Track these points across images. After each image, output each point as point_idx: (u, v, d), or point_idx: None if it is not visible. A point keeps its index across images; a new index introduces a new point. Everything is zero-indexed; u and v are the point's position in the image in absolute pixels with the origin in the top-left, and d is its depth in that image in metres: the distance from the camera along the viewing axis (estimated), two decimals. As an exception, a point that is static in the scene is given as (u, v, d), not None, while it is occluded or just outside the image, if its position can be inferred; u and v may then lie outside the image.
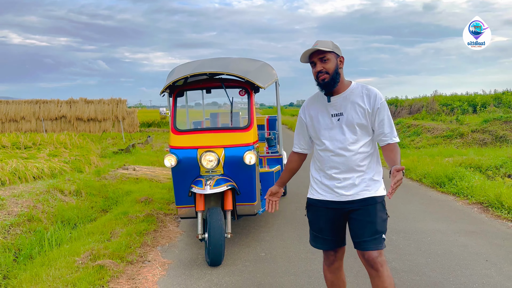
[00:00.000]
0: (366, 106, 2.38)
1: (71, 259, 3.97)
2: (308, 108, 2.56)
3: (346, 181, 2.39)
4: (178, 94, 4.70)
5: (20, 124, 18.27)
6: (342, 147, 2.39)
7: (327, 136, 2.44)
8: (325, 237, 2.50)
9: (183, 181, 4.23)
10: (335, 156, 2.41)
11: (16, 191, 6.31)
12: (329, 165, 2.44)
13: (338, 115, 2.41)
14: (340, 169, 2.40)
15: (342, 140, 2.39)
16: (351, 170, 2.39)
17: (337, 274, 2.59)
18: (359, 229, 2.38)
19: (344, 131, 2.39)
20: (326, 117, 2.44)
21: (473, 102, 19.05)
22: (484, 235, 4.68)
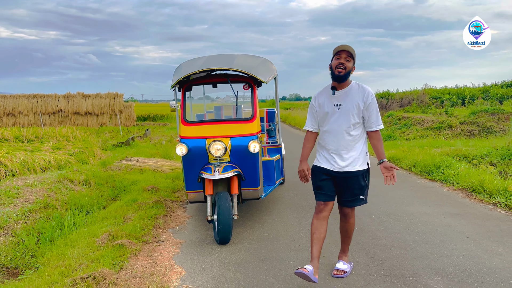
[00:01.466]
0: (360, 101, 3.20)
1: (91, 239, 4.35)
2: (318, 98, 3.38)
3: (339, 156, 3.26)
4: (187, 89, 5.07)
5: (18, 119, 18.45)
6: (339, 129, 3.23)
7: (329, 121, 3.28)
8: (322, 192, 3.37)
9: (193, 168, 4.61)
10: (334, 136, 3.26)
11: (28, 181, 6.66)
12: (329, 142, 3.30)
13: (339, 105, 3.24)
14: (336, 146, 3.26)
15: (340, 124, 3.23)
16: (344, 148, 3.24)
17: (321, 222, 3.35)
18: (342, 192, 3.36)
19: (342, 118, 3.22)
20: (330, 106, 3.26)
21: (462, 95, 19.61)
22: (467, 217, 5.13)
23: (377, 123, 3.26)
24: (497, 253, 3.90)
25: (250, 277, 3.53)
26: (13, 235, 4.69)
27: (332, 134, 3.28)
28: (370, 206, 5.67)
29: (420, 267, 3.61)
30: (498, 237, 4.37)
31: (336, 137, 3.26)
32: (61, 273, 3.52)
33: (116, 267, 3.66)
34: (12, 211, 5.15)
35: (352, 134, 3.24)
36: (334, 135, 3.27)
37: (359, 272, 3.55)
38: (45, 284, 3.32)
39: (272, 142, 6.44)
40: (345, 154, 3.25)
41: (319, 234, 3.31)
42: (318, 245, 3.30)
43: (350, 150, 3.25)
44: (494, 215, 5.19)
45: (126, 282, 3.40)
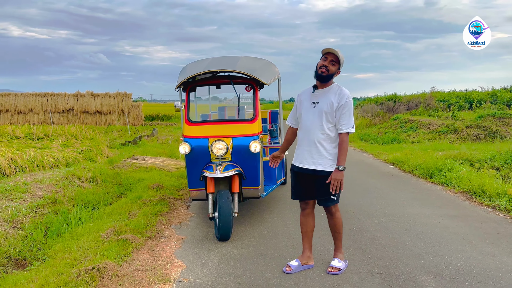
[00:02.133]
0: (335, 101, 3.27)
1: (96, 234, 4.51)
2: (300, 95, 3.53)
3: (309, 154, 3.34)
4: (191, 89, 5.22)
5: (28, 116, 18.77)
6: (312, 127, 3.33)
7: (305, 117, 3.41)
8: (297, 191, 3.54)
9: (196, 167, 4.75)
10: (306, 133, 3.36)
11: (37, 177, 6.84)
12: (302, 139, 3.41)
13: (315, 104, 3.35)
14: (308, 143, 3.35)
15: (313, 122, 3.34)
16: (315, 146, 3.31)
17: (307, 217, 3.61)
18: (315, 191, 3.45)
19: (316, 116, 3.32)
20: (308, 103, 3.39)
21: (470, 98, 19.54)
22: (464, 219, 5.20)
23: (347, 126, 3.27)
24: (491, 255, 3.98)
25: (248, 272, 3.65)
26: (22, 228, 4.87)
27: (305, 131, 3.38)
28: (370, 207, 5.78)
29: (413, 266, 3.71)
30: (494, 239, 4.44)
31: (308, 134, 3.34)
32: (67, 265, 3.67)
33: (120, 260, 3.81)
34: (21, 206, 5.33)
35: (325, 133, 3.29)
36: (307, 132, 3.36)
37: (353, 269, 3.66)
38: (52, 275, 3.48)
39: (274, 143, 6.55)
40: (316, 153, 3.32)
41: (306, 228, 3.61)
42: (307, 238, 3.63)
43: (320, 148, 3.31)
44: (492, 217, 5.25)
45: (129, 274, 3.54)
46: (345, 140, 3.28)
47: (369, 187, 7.20)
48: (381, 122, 19.82)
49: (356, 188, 7.08)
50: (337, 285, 3.36)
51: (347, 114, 3.26)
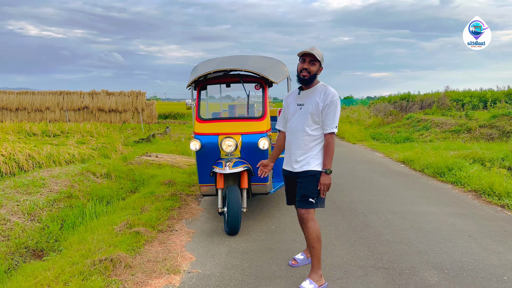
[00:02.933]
0: (320, 101, 3.14)
1: (110, 227, 4.67)
2: (287, 98, 3.46)
3: (295, 156, 3.23)
4: (202, 88, 5.35)
5: (45, 114, 19.18)
6: (298, 128, 3.22)
7: (291, 119, 3.31)
8: (288, 195, 3.49)
9: (206, 163, 4.88)
10: (293, 134, 3.26)
11: (54, 172, 7.06)
12: (289, 141, 3.32)
13: (301, 105, 3.24)
14: (293, 145, 3.24)
15: (298, 123, 3.22)
16: (300, 147, 3.20)
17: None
18: (296, 192, 3.28)
19: (301, 117, 3.21)
20: (294, 105, 3.30)
21: (484, 98, 19.32)
22: (472, 217, 5.23)
23: (330, 126, 3.12)
24: (496, 252, 4.03)
25: (255, 264, 3.76)
26: (39, 221, 5.06)
27: (291, 133, 3.28)
28: (378, 205, 5.83)
29: (418, 262, 3.77)
30: (500, 237, 4.47)
31: (294, 136, 3.25)
32: (82, 255, 3.84)
33: (132, 252, 3.96)
34: (38, 200, 5.53)
35: (310, 134, 3.16)
36: (293, 134, 3.26)
37: (358, 263, 3.75)
38: (67, 264, 3.64)
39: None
40: (300, 154, 3.19)
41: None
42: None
43: (305, 149, 3.18)
44: (500, 216, 5.27)
45: (140, 265, 3.69)
46: (331, 142, 3.14)
47: (379, 185, 7.24)
48: (393, 121, 19.73)
49: (365, 186, 7.14)
50: (341, 278, 3.46)
51: (331, 114, 3.12)
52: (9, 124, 13.24)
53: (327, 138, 3.15)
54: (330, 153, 3.14)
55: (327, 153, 3.14)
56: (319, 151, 3.19)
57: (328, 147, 3.14)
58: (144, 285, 3.34)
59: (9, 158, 7.43)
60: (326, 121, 3.14)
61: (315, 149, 3.18)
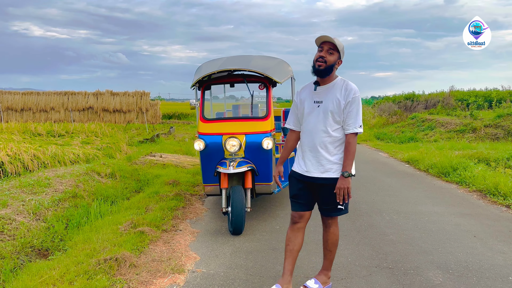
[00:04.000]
0: (341, 98, 2.83)
1: (115, 226, 4.69)
2: (300, 93, 3.08)
3: (315, 159, 2.91)
4: (206, 88, 5.37)
5: (50, 114, 19.27)
6: (316, 129, 2.89)
7: (307, 118, 2.96)
8: (297, 201, 3.06)
9: (210, 163, 4.89)
10: (310, 136, 2.93)
11: (59, 172, 7.10)
12: (305, 143, 2.98)
13: (319, 102, 2.91)
14: (312, 148, 2.91)
15: (317, 123, 2.89)
16: (321, 150, 2.88)
17: (296, 233, 3.08)
18: (321, 199, 2.99)
19: (320, 116, 2.88)
20: (310, 103, 2.95)
21: (489, 97, 19.22)
22: (477, 217, 5.21)
23: (353, 125, 2.83)
24: (501, 252, 4.01)
25: (259, 264, 3.77)
26: (44, 220, 5.09)
27: (308, 134, 2.95)
28: (382, 205, 5.82)
29: (422, 262, 3.76)
30: (505, 237, 4.45)
31: (312, 137, 2.92)
32: (87, 255, 3.86)
33: (137, 251, 3.97)
34: (43, 199, 5.57)
35: (332, 135, 2.87)
36: (310, 135, 2.93)
37: (362, 263, 3.74)
38: (72, 264, 3.66)
39: (287, 140, 6.65)
40: (322, 158, 2.89)
41: (292, 246, 3.07)
42: (290, 258, 3.06)
43: (327, 153, 2.89)
44: (505, 216, 5.25)
45: (145, 264, 3.70)
46: (352, 142, 2.85)
47: (383, 185, 7.23)
48: (398, 121, 19.66)
49: (370, 186, 7.12)
50: (345, 278, 3.45)
51: (354, 112, 2.82)
52: (14, 125, 13.33)
53: (348, 138, 2.85)
54: (350, 155, 2.84)
55: (347, 154, 2.84)
56: (341, 154, 2.91)
57: (348, 147, 2.85)
58: (149, 284, 3.35)
59: (15, 158, 7.47)
60: (348, 120, 2.84)
61: (339, 153, 2.91)
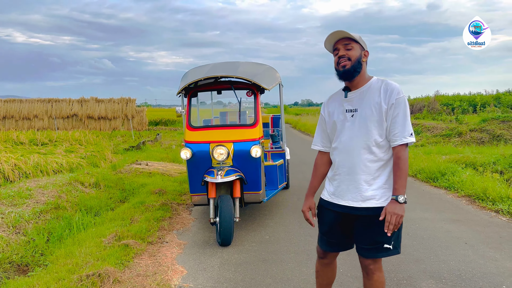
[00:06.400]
0: (382, 101, 2.22)
1: (98, 239, 4.53)
2: (327, 105, 2.48)
3: (351, 184, 2.30)
4: (192, 95, 5.25)
5: (33, 122, 18.87)
6: (353, 145, 2.28)
7: (339, 133, 2.35)
8: (329, 239, 2.45)
9: (197, 172, 4.76)
10: (345, 154, 2.32)
11: (41, 183, 6.88)
12: (340, 165, 2.36)
13: (353, 111, 2.29)
14: (349, 170, 2.30)
15: (354, 138, 2.28)
16: (359, 172, 2.27)
17: (326, 268, 2.60)
18: (359, 235, 2.34)
19: (356, 128, 2.27)
20: (341, 113, 2.35)
21: (474, 102, 19.48)
22: (467, 223, 5.18)
23: (402, 134, 2.19)
24: (493, 259, 3.96)
25: (248, 277, 3.65)
26: (25, 234, 4.89)
27: (343, 153, 2.33)
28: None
29: (415, 271, 3.69)
30: (496, 243, 4.41)
31: (349, 156, 2.30)
32: (69, 270, 3.69)
33: (121, 266, 3.82)
34: (24, 211, 5.36)
35: (374, 152, 2.25)
36: (346, 154, 2.31)
37: (354, 274, 3.65)
38: (53, 280, 3.49)
39: (276, 147, 6.57)
40: (362, 182, 2.27)
41: (322, 280, 2.64)
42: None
43: (369, 175, 2.26)
44: (495, 222, 5.23)
45: (130, 280, 3.55)
46: (403, 156, 2.20)
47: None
48: (384, 126, 19.75)
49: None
50: (337, 290, 3.36)
51: (401, 117, 2.20)
52: (-5, 133, 13.00)
53: (397, 152, 2.22)
54: (403, 173, 2.19)
55: (399, 171, 2.19)
56: (389, 175, 2.28)
57: (399, 163, 2.20)
58: (134, 301, 3.21)
59: (-5, 169, 7.23)
60: (394, 128, 2.21)
61: (384, 174, 2.28)
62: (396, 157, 2.22)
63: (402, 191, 2.17)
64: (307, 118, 30.39)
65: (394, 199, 2.16)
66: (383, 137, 2.25)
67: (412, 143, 2.22)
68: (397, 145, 2.22)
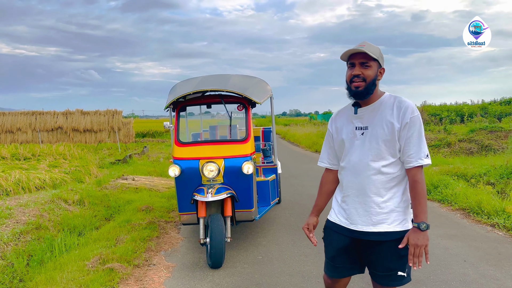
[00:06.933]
0: (395, 120, 2.09)
1: (81, 263, 4.27)
2: (335, 120, 2.34)
3: (361, 207, 2.16)
4: (181, 109, 5.06)
5: (16, 135, 18.41)
6: (363, 165, 2.14)
7: (348, 151, 2.22)
8: (337, 264, 2.29)
9: (186, 190, 4.55)
10: (354, 175, 2.18)
11: (22, 201, 6.58)
12: (348, 185, 2.22)
13: (363, 129, 2.16)
14: (359, 191, 2.17)
15: (363, 157, 2.14)
16: (369, 194, 2.13)
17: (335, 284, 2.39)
18: (371, 262, 2.21)
19: (366, 147, 2.14)
20: (350, 131, 2.21)
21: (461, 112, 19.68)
22: (464, 238, 5.05)
23: (417, 155, 2.06)
24: (494, 278, 3.83)
25: (241, 303, 3.44)
26: (3, 257, 4.61)
27: (352, 173, 2.19)
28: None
29: (415, 293, 3.53)
30: (495, 260, 4.29)
31: (358, 177, 2.16)
32: (48, 299, 3.44)
33: (105, 293, 3.58)
34: (3, 233, 5.07)
35: (386, 172, 2.11)
36: (355, 174, 2.18)
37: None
38: (31, 311, 3.24)
39: (267, 162, 6.39)
40: (372, 205, 2.13)
41: None
42: None
43: (380, 197, 2.13)
44: (492, 237, 5.11)
45: (114, 309, 3.32)
46: (420, 180, 2.06)
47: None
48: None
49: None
50: (336, 317, 3.16)
51: (415, 137, 2.06)
52: (-24, 147, 12.57)
53: (413, 175, 2.07)
54: (422, 198, 2.04)
55: (417, 196, 2.05)
56: (402, 198, 2.15)
57: (416, 187, 2.05)
58: (118, 334, 2.98)
59: (-27, 186, 6.91)
60: (409, 149, 2.07)
61: (396, 196, 2.14)
62: (412, 180, 2.08)
63: (423, 217, 2.02)
64: (296, 128, 30.36)
65: (416, 227, 2.01)
66: (395, 157, 2.12)
67: (428, 166, 2.08)
68: (412, 167, 2.08)
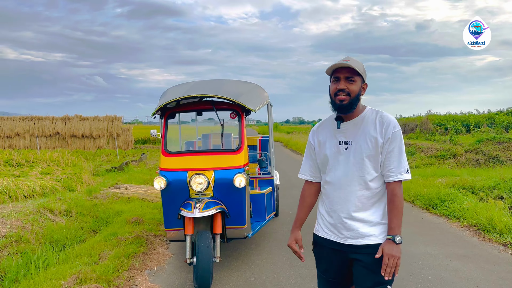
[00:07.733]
0: (378, 135, 2.10)
1: (57, 282, 3.91)
2: (317, 133, 2.31)
3: (349, 221, 2.13)
4: (170, 116, 4.71)
5: (14, 141, 18.16)
6: (350, 180, 2.12)
7: (332, 166, 2.19)
8: (329, 278, 2.27)
9: (173, 204, 4.20)
10: (339, 189, 2.16)
11: (6, 210, 6.24)
12: (333, 200, 2.19)
13: (347, 144, 2.16)
14: (344, 206, 2.14)
15: (348, 172, 2.13)
16: (357, 208, 2.12)
17: None
18: (360, 276, 2.13)
19: (351, 162, 2.12)
20: (333, 145, 2.19)
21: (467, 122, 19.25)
22: (475, 259, 4.66)
23: (397, 170, 2.08)
24: (511, 308, 3.43)
25: (227, 335, 3.06)
26: (-25, 274, 4.26)
27: (337, 188, 2.17)
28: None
29: (423, 326, 3.14)
30: (511, 286, 3.89)
31: (343, 192, 2.15)
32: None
33: (77, 320, 3.21)
34: (-22, 247, 4.73)
35: (371, 188, 2.12)
36: (340, 188, 2.16)
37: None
38: None
39: (263, 173, 6.02)
40: (358, 219, 2.12)
41: None
42: None
43: (367, 212, 2.12)
44: (505, 258, 4.71)
45: None
46: (398, 194, 2.08)
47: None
48: (377, 145, 19.41)
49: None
50: None
51: (396, 152, 2.08)
52: (-31, 153, 12.29)
53: (392, 189, 2.08)
54: (399, 212, 2.05)
55: (394, 210, 2.05)
56: (385, 210, 2.14)
57: (394, 201, 2.06)
58: None
59: (-45, 195, 6.58)
60: (389, 163, 2.08)
61: (380, 209, 2.13)
62: (391, 194, 2.09)
63: (398, 230, 2.04)
64: (298, 136, 29.99)
65: (391, 240, 2.02)
66: (378, 171, 2.12)
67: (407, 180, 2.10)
68: (392, 181, 2.09)
